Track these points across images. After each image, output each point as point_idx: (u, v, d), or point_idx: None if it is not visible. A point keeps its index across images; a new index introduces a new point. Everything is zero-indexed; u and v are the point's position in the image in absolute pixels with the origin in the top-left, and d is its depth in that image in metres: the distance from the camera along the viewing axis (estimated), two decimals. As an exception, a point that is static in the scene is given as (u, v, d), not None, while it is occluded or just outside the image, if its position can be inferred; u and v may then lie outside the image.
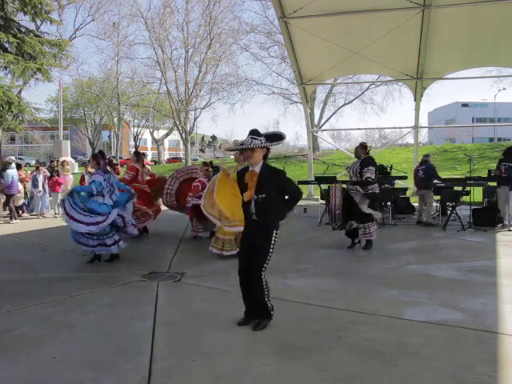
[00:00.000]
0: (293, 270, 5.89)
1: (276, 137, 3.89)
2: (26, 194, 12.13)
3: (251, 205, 3.81)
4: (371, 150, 7.41)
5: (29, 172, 12.80)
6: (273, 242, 3.81)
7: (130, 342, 3.60)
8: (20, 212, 11.88)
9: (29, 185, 12.13)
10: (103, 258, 6.38)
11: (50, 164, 13.39)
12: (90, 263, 6.25)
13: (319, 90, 28.92)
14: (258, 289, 3.83)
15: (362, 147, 7.16)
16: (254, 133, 3.82)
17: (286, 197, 3.97)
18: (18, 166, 12.63)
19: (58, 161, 14.04)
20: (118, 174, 10.90)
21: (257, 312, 3.89)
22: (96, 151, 8.19)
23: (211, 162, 8.90)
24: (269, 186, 3.78)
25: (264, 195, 3.76)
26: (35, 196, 11.75)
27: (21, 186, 11.77)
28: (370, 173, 6.89)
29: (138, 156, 8.73)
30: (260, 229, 3.81)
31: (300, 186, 13.96)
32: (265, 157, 3.87)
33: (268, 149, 3.86)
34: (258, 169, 3.82)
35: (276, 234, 3.84)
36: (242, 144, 3.86)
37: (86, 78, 38.11)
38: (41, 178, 11.83)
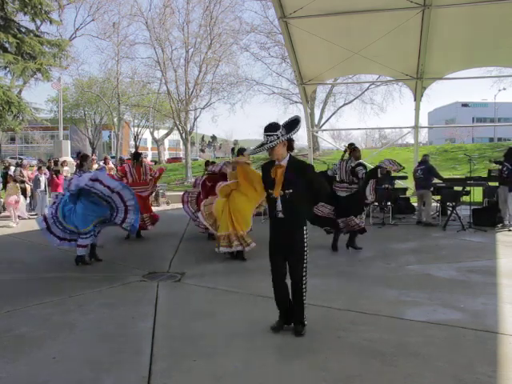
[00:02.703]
0: (293, 270, 5.89)
1: (293, 124, 3.62)
2: (24, 193, 12.13)
3: (277, 202, 3.60)
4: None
5: (32, 171, 12.81)
6: (305, 239, 3.62)
7: (130, 342, 3.60)
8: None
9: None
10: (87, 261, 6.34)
11: (47, 164, 13.41)
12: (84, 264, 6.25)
13: (319, 90, 28.88)
14: (298, 291, 3.68)
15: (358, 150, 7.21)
16: (267, 129, 3.55)
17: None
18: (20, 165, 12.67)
19: (56, 161, 14.06)
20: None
21: (295, 315, 3.73)
22: (96, 151, 8.23)
23: (213, 162, 8.91)
24: (296, 180, 3.57)
25: (291, 190, 3.55)
26: (36, 196, 11.77)
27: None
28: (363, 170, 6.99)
29: (136, 158, 8.67)
30: (288, 228, 3.61)
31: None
32: (289, 148, 3.64)
33: (289, 140, 3.61)
34: (284, 162, 3.61)
35: (306, 230, 3.64)
36: (262, 145, 3.65)
37: (86, 78, 38.01)
38: (43, 179, 11.86)
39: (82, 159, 6.57)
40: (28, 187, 12.26)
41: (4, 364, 3.24)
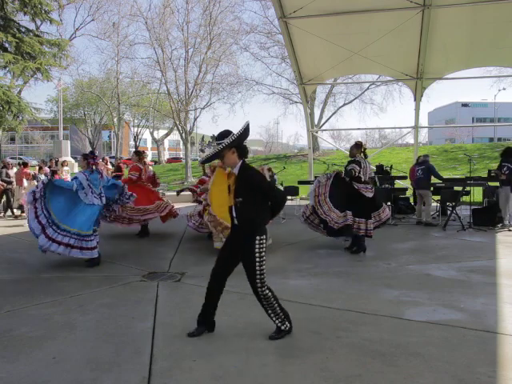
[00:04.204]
0: (293, 270, 5.90)
1: (244, 130, 3.52)
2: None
3: (233, 209, 3.57)
4: (367, 150, 7.11)
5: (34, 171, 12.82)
6: (257, 248, 3.51)
7: (130, 341, 3.60)
8: (20, 212, 11.93)
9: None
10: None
11: (49, 164, 13.44)
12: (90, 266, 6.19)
13: (319, 90, 28.92)
14: (261, 304, 3.64)
15: (357, 146, 6.98)
16: (217, 138, 3.56)
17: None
18: (24, 164, 12.69)
19: (56, 161, 14.08)
20: (123, 174, 10.98)
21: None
22: (96, 151, 8.24)
23: None
24: (245, 188, 3.51)
25: (241, 199, 3.50)
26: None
27: (26, 183, 11.90)
28: (351, 167, 6.79)
29: (140, 155, 8.75)
30: (242, 235, 3.57)
31: (300, 186, 13.77)
32: (240, 155, 3.55)
33: (238, 147, 3.52)
34: (236, 170, 3.55)
35: (261, 239, 3.53)
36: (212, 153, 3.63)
37: (86, 78, 38.07)
38: (43, 178, 11.87)
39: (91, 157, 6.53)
40: (14, 187, 12.25)
41: (4, 364, 3.24)
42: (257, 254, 3.53)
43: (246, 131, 3.55)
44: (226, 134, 3.53)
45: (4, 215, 11.92)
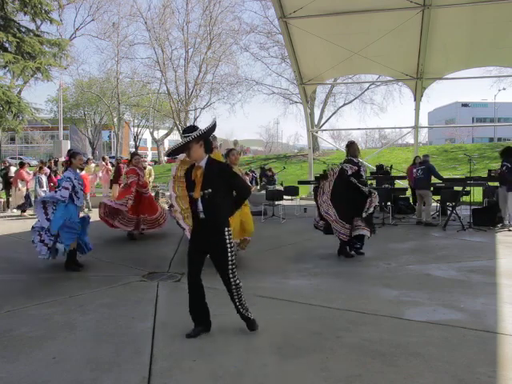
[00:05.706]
0: (293, 270, 5.90)
1: (211, 126, 3.63)
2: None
3: (198, 202, 3.56)
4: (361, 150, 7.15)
5: (32, 172, 12.82)
6: (228, 239, 3.58)
7: (130, 342, 3.60)
8: (21, 211, 11.94)
9: (31, 184, 12.21)
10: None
11: (48, 164, 13.46)
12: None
13: (319, 90, 28.96)
14: (231, 296, 3.70)
15: (354, 144, 6.88)
16: (185, 131, 3.58)
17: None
18: (21, 165, 12.69)
19: (56, 161, 14.08)
20: (121, 174, 10.94)
21: (238, 312, 3.76)
22: (96, 151, 8.14)
23: None
24: (214, 180, 3.55)
25: (210, 190, 3.52)
26: (39, 196, 11.79)
27: (21, 185, 11.91)
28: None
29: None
30: (210, 229, 3.59)
31: (300, 185, 13.76)
32: (206, 150, 3.61)
33: (205, 141, 3.59)
34: (203, 163, 3.59)
35: (229, 230, 3.61)
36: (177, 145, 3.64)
37: (86, 78, 38.16)
38: (44, 178, 11.88)
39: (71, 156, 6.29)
40: (30, 186, 12.29)
41: (4, 364, 3.24)
42: (228, 245, 3.59)
43: (213, 127, 3.67)
44: (193, 128, 3.60)
45: None
